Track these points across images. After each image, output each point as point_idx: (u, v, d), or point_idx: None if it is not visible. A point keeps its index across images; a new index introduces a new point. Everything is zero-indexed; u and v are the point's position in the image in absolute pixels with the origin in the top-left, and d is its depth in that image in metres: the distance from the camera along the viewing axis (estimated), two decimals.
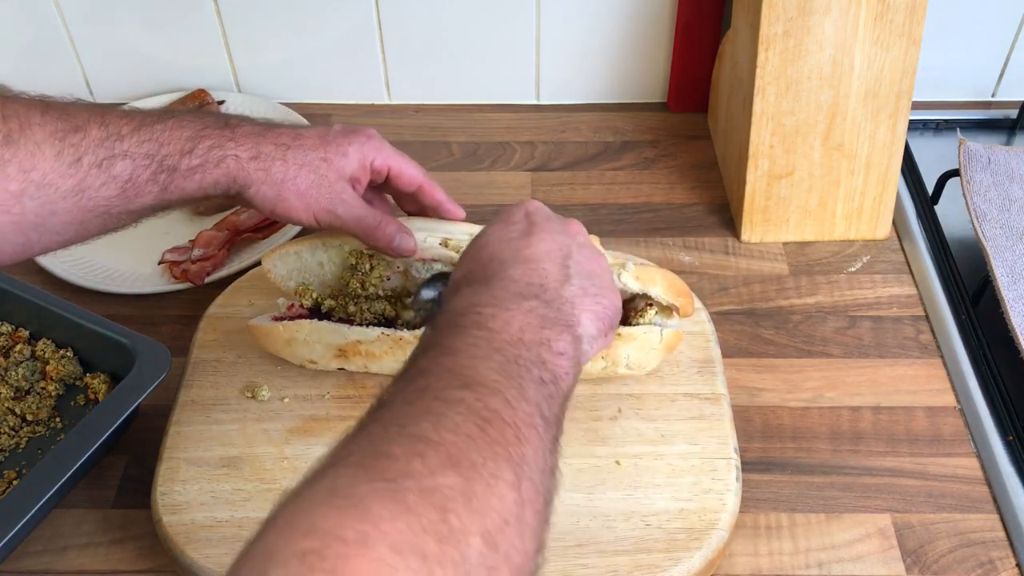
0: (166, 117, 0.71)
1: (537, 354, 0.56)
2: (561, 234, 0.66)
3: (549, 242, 0.64)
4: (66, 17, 1.15)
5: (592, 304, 0.63)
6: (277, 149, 0.73)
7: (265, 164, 0.72)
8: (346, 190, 0.76)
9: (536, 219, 0.67)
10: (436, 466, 0.44)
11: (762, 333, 0.94)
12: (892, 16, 0.92)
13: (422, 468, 0.43)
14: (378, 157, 0.78)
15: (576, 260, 0.64)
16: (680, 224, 1.07)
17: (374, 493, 0.41)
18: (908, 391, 0.89)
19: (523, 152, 1.16)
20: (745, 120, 0.99)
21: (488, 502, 0.44)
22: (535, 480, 0.48)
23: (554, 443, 0.53)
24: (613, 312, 0.65)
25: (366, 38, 1.17)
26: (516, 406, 0.50)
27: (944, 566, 0.77)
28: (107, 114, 0.69)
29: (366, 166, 0.77)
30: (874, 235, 1.04)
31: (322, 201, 0.74)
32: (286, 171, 0.73)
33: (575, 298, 0.62)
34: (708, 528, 0.74)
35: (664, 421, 0.82)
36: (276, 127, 0.75)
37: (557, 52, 1.18)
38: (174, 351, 0.83)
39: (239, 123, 0.74)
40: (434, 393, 0.50)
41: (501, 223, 0.67)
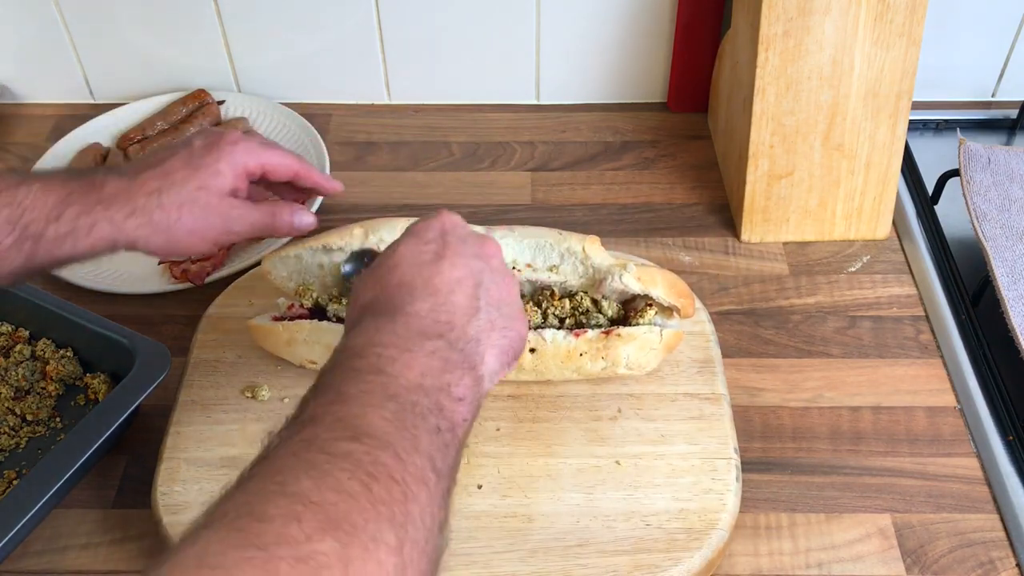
0: (32, 180, 0.69)
1: (436, 401, 0.54)
2: (474, 258, 0.64)
3: (461, 268, 0.62)
4: (66, 17, 1.15)
5: (498, 338, 0.61)
6: (150, 199, 0.71)
7: (144, 219, 0.71)
8: (232, 205, 0.74)
9: (450, 240, 0.64)
10: (313, 531, 0.42)
11: (762, 333, 0.94)
12: (892, 16, 0.92)
13: (298, 533, 0.41)
14: (249, 160, 0.76)
15: (487, 289, 0.62)
16: (680, 224, 1.07)
17: (245, 562, 0.39)
18: (908, 391, 0.89)
19: (523, 152, 1.16)
20: (745, 120, 0.99)
21: (366, 568, 0.42)
22: (420, 540, 0.46)
23: (445, 497, 0.51)
24: (519, 343, 0.63)
25: (366, 38, 1.17)
26: (406, 460, 0.48)
27: (944, 566, 0.77)
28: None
29: (240, 174, 0.75)
30: (874, 235, 1.04)
31: (214, 229, 0.74)
32: (167, 217, 0.71)
33: (482, 334, 0.60)
34: (708, 528, 0.74)
35: (664, 421, 0.82)
36: (141, 172, 0.73)
37: (557, 52, 1.18)
38: (174, 351, 0.83)
39: (104, 180, 0.71)
40: (320, 445, 0.47)
41: (413, 241, 0.64)
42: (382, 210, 1.07)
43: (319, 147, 1.12)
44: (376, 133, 1.19)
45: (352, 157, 1.16)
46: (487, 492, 0.77)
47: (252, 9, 1.14)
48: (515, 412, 0.83)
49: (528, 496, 0.77)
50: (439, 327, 0.58)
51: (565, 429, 0.81)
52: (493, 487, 0.77)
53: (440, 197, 1.10)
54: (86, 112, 1.20)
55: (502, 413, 0.82)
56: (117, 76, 1.21)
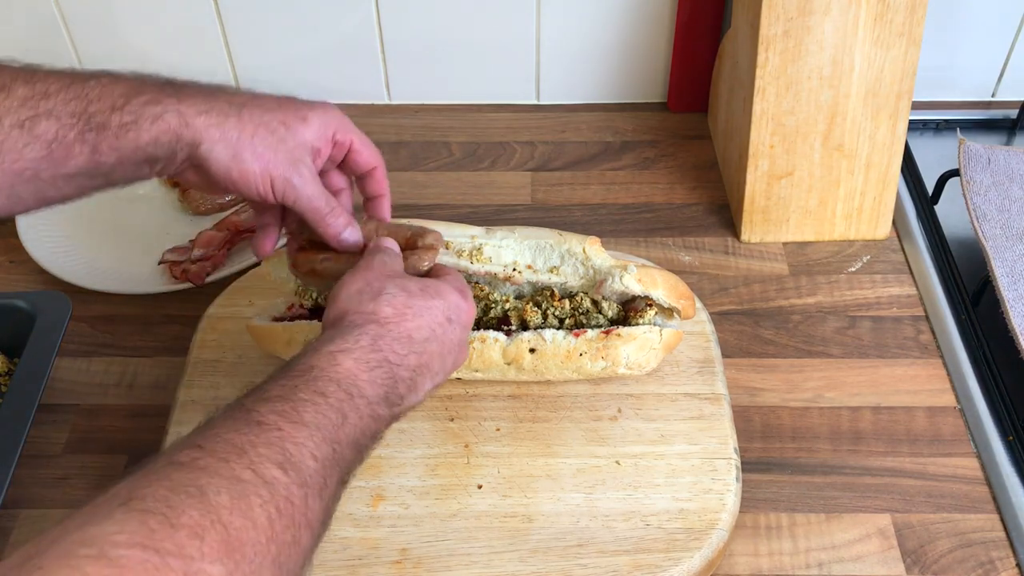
0: (101, 74, 0.65)
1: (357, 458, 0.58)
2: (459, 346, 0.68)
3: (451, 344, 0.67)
4: (66, 17, 1.15)
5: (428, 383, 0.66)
6: (231, 106, 0.66)
7: (218, 120, 0.65)
8: (305, 159, 0.69)
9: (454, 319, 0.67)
10: (210, 551, 0.45)
11: (762, 333, 0.94)
12: (892, 16, 0.92)
13: (196, 552, 0.44)
14: (340, 130, 0.72)
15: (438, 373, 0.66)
16: (680, 224, 1.07)
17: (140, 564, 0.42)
18: (908, 391, 0.89)
19: (523, 152, 1.16)
20: (745, 120, 0.99)
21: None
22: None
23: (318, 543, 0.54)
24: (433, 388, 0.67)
25: (366, 38, 1.17)
26: (311, 506, 0.52)
27: (944, 566, 0.77)
28: (36, 72, 0.64)
29: (328, 136, 0.71)
30: (874, 235, 1.04)
31: (280, 167, 0.67)
32: (242, 129, 0.66)
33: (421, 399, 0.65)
34: (708, 528, 0.74)
35: (664, 421, 0.82)
36: (229, 89, 0.69)
37: (557, 52, 1.18)
38: (174, 351, 0.83)
39: (185, 83, 0.67)
40: (252, 460, 0.50)
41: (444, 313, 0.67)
42: None
43: None
44: (376, 133, 1.19)
45: None
46: (487, 492, 0.77)
47: (252, 9, 1.15)
48: (515, 412, 0.83)
49: (528, 496, 0.77)
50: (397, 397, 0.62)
51: (565, 429, 0.81)
52: (493, 487, 0.77)
53: (440, 197, 1.10)
54: None
55: (502, 413, 0.83)
56: None
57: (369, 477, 0.78)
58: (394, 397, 0.61)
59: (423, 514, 0.76)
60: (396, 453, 0.80)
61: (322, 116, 0.70)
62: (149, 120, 0.64)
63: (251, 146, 0.66)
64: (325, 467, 0.54)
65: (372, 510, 0.76)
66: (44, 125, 0.62)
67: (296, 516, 0.50)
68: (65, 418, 0.88)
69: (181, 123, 0.65)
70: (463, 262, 0.81)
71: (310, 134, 0.69)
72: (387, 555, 0.73)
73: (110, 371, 0.92)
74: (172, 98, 0.65)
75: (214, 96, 0.67)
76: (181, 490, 0.47)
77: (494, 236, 0.82)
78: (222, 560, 0.45)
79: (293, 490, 0.51)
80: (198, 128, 0.65)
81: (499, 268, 0.82)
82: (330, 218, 0.71)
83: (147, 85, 0.66)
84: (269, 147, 0.67)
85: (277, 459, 0.51)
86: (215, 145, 0.65)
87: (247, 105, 0.67)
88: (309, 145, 0.69)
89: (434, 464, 0.79)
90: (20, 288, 0.99)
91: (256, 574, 0.47)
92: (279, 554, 0.49)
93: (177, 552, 0.44)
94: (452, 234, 0.82)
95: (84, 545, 0.42)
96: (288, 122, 0.68)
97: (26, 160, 0.62)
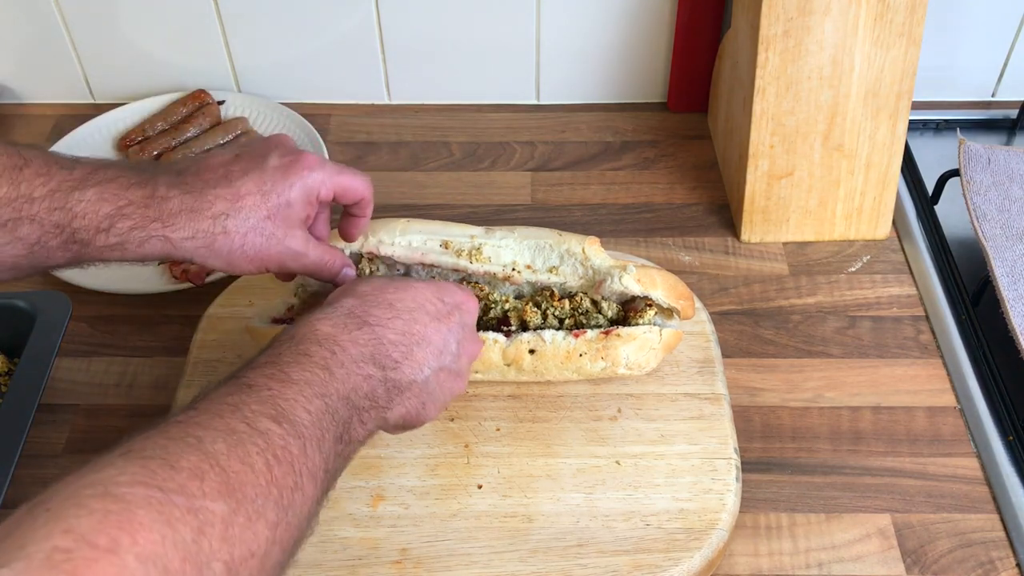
0: (86, 185, 0.65)
1: (349, 416, 0.59)
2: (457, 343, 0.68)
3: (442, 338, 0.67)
4: (66, 17, 1.15)
5: (414, 403, 0.66)
6: (215, 223, 0.68)
7: (206, 242, 0.68)
8: (295, 239, 0.72)
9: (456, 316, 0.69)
10: (210, 490, 0.47)
11: (762, 333, 0.94)
12: (892, 16, 0.92)
13: (197, 489, 0.47)
14: (322, 188, 0.72)
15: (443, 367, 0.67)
16: (680, 224, 1.07)
17: (144, 500, 0.44)
18: (908, 391, 0.89)
19: (523, 152, 1.16)
20: (745, 120, 0.99)
21: (243, 534, 0.48)
22: (294, 525, 0.52)
23: (324, 495, 0.56)
24: (420, 421, 0.67)
25: (366, 38, 1.17)
26: (310, 455, 0.54)
27: (944, 566, 0.77)
28: (24, 170, 0.65)
29: (312, 202, 0.72)
30: (874, 235, 1.04)
31: (272, 260, 0.71)
32: (230, 242, 0.68)
33: (409, 390, 0.65)
34: (708, 528, 0.74)
35: (664, 421, 0.82)
36: (209, 188, 0.68)
37: (557, 52, 1.18)
38: (174, 351, 0.83)
39: (166, 194, 0.67)
40: (244, 415, 0.52)
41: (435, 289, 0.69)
42: (382, 210, 1.07)
43: (319, 147, 1.12)
44: (376, 133, 1.20)
45: (352, 157, 1.16)
46: (487, 492, 0.77)
47: (252, 9, 1.14)
48: (515, 412, 0.83)
49: (528, 496, 0.77)
50: (387, 360, 0.63)
51: (565, 429, 0.81)
52: (493, 487, 0.77)
53: (440, 197, 1.10)
54: (86, 112, 1.20)
55: (502, 413, 0.83)
56: (117, 76, 1.21)
57: (369, 477, 0.78)
58: (384, 359, 0.63)
59: (423, 514, 0.76)
60: (396, 453, 0.80)
61: (303, 187, 0.71)
62: (135, 244, 0.67)
63: (243, 254, 0.69)
64: (319, 420, 0.56)
65: (372, 510, 0.76)
66: (27, 229, 0.64)
67: (295, 464, 0.52)
68: (65, 418, 0.88)
69: (168, 247, 0.67)
70: (462, 262, 0.81)
71: (296, 213, 0.71)
72: (387, 555, 0.73)
73: (110, 371, 0.92)
74: (157, 223, 0.67)
75: (196, 213, 0.67)
76: (179, 440, 0.49)
77: (493, 236, 0.82)
78: (224, 498, 0.47)
79: (289, 440, 0.53)
80: (187, 251, 0.68)
81: (498, 268, 0.82)
82: (324, 269, 0.75)
83: (132, 206, 0.66)
84: (261, 248, 0.70)
85: (270, 413, 0.53)
86: (207, 259, 0.69)
87: (230, 215, 0.68)
88: (297, 221, 0.72)
89: (434, 464, 0.79)
90: (20, 288, 0.99)
91: (259, 513, 0.49)
92: (281, 497, 0.50)
93: (179, 490, 0.46)
94: (452, 234, 0.82)
95: (88, 487, 0.44)
96: (273, 214, 0.70)
97: (6, 256, 0.65)
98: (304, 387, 0.57)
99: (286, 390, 0.56)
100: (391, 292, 0.67)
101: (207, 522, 0.46)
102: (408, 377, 0.64)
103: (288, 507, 0.51)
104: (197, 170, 0.70)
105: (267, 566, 0.49)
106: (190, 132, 1.13)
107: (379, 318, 0.64)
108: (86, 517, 0.43)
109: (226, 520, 0.47)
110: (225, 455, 0.49)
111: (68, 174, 0.66)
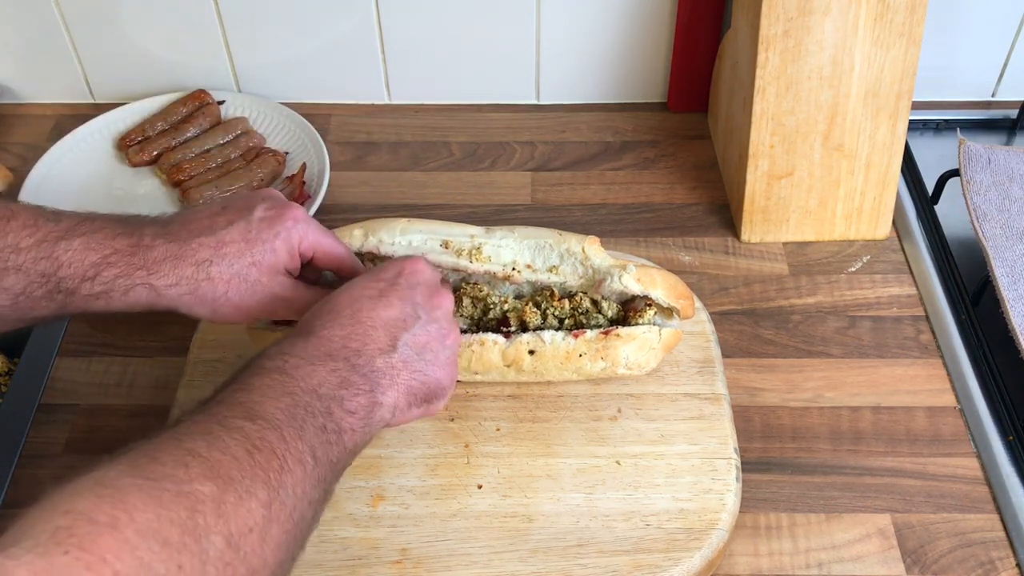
0: (73, 235, 0.67)
1: (327, 406, 0.60)
2: (415, 305, 0.68)
3: (396, 310, 0.67)
4: (66, 17, 1.15)
5: (407, 378, 0.66)
6: (199, 270, 0.69)
7: (189, 288, 0.69)
8: (281, 287, 0.72)
9: (400, 283, 0.69)
10: (196, 475, 0.49)
11: (762, 333, 0.94)
12: (892, 16, 0.92)
13: (184, 475, 0.49)
14: (304, 241, 0.73)
15: (413, 334, 0.67)
16: (680, 224, 1.07)
17: (134, 487, 0.47)
18: (908, 391, 0.89)
19: (523, 152, 1.16)
20: (745, 120, 0.99)
21: (236, 511, 0.49)
22: (288, 505, 0.53)
23: (322, 482, 0.57)
24: (434, 387, 0.67)
25: (366, 38, 1.17)
26: (290, 442, 0.55)
27: (944, 566, 0.77)
28: (11, 222, 0.66)
29: (295, 254, 0.73)
30: (874, 235, 1.04)
31: (258, 307, 0.72)
32: (214, 290, 0.69)
33: (390, 369, 0.65)
34: (708, 528, 0.74)
35: (664, 421, 0.82)
36: (194, 237, 0.69)
37: (557, 52, 1.18)
38: (174, 351, 0.83)
39: (152, 243, 0.69)
40: (218, 419, 0.55)
41: (369, 277, 0.69)
42: (382, 210, 1.07)
43: (319, 147, 1.12)
44: (376, 133, 1.19)
45: (352, 157, 1.16)
46: (487, 492, 0.77)
47: (252, 9, 1.14)
48: (515, 412, 0.83)
49: (528, 496, 0.77)
50: (346, 352, 0.63)
51: (565, 429, 0.81)
52: (493, 487, 0.77)
53: (440, 197, 1.10)
54: (86, 112, 1.20)
55: (502, 413, 0.83)
56: (117, 76, 1.21)
57: (369, 477, 0.78)
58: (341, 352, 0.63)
59: (423, 514, 0.76)
60: (396, 453, 0.80)
61: (287, 239, 0.72)
62: (120, 292, 0.68)
63: (227, 301, 0.70)
64: (291, 412, 0.57)
65: (372, 510, 0.76)
66: (12, 279, 0.65)
67: (276, 449, 0.54)
68: (65, 418, 0.88)
69: (153, 295, 0.69)
70: (462, 261, 0.81)
71: (280, 262, 0.72)
72: (387, 555, 0.73)
73: (110, 371, 0.92)
74: (142, 271, 0.68)
75: (180, 260, 0.69)
76: (158, 443, 0.51)
77: (493, 236, 0.82)
78: (211, 480, 0.49)
79: (265, 432, 0.55)
80: (171, 298, 0.69)
81: (498, 268, 0.82)
82: None
83: (117, 254, 0.68)
84: (245, 295, 0.71)
85: (242, 414, 0.55)
86: (192, 308, 0.70)
87: (214, 262, 0.69)
88: (280, 270, 0.72)
89: (434, 464, 0.79)
90: None
91: (249, 492, 0.51)
92: (268, 477, 0.52)
93: (166, 477, 0.48)
94: (452, 233, 0.82)
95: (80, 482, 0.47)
96: (258, 261, 0.71)
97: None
98: (267, 390, 0.58)
99: (251, 395, 0.58)
100: (328, 302, 0.67)
101: (198, 500, 0.48)
102: (378, 359, 0.64)
103: (278, 487, 0.52)
104: (183, 220, 0.71)
105: (268, 542, 0.51)
106: (190, 132, 1.13)
107: (322, 325, 0.65)
108: (81, 500, 0.45)
109: (216, 499, 0.49)
110: (205, 448, 0.51)
111: (55, 225, 0.67)
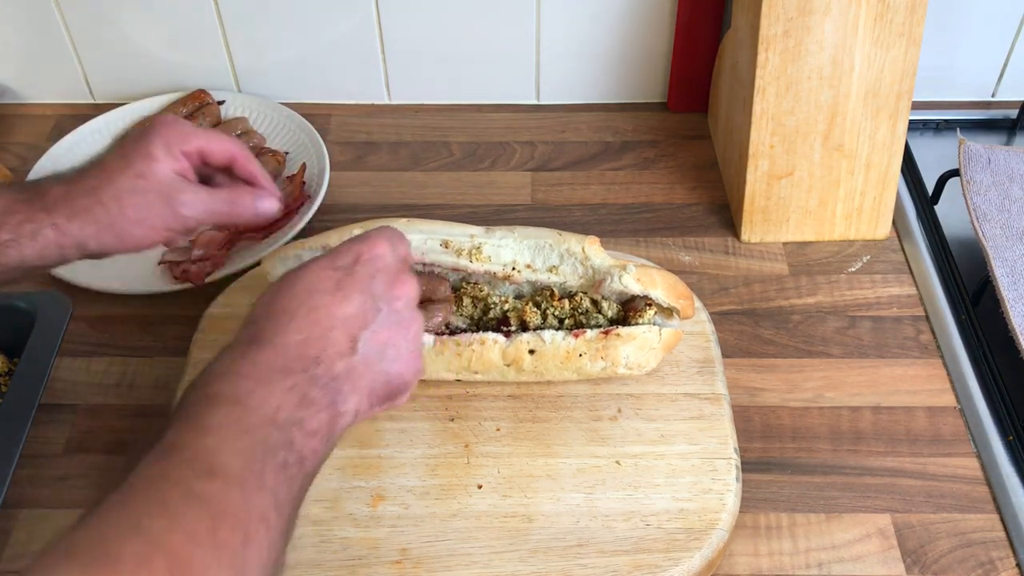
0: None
1: (287, 435, 0.55)
2: (374, 297, 0.61)
3: (354, 305, 0.60)
4: (66, 17, 1.15)
5: (370, 380, 0.60)
6: (89, 197, 0.69)
7: (87, 218, 0.68)
8: (178, 188, 0.71)
9: (359, 271, 0.62)
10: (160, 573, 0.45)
11: (762, 333, 0.94)
12: (892, 16, 0.92)
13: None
14: (184, 142, 0.72)
15: (374, 331, 0.60)
16: (680, 224, 1.07)
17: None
18: (908, 391, 0.89)
19: (523, 152, 1.16)
20: (745, 120, 0.99)
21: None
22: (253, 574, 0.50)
23: (283, 531, 0.53)
24: (397, 383, 0.62)
25: (366, 38, 1.17)
26: (251, 501, 0.51)
27: (944, 566, 0.77)
28: None
29: (177, 155, 0.71)
30: (874, 235, 1.04)
31: (162, 215, 0.70)
32: (108, 212, 0.69)
33: (351, 373, 0.59)
34: (708, 528, 0.74)
35: (664, 421, 0.82)
36: (81, 174, 0.71)
37: (557, 52, 1.18)
38: (174, 351, 0.83)
39: (48, 188, 0.69)
40: (177, 481, 0.50)
41: (324, 262, 0.62)
42: (382, 210, 1.07)
43: (319, 147, 1.12)
44: (376, 133, 1.20)
45: (352, 157, 1.16)
46: (487, 492, 0.77)
47: (252, 9, 1.15)
48: (515, 412, 0.83)
49: (528, 496, 0.77)
50: (304, 362, 0.58)
51: (565, 429, 0.81)
52: (493, 487, 0.77)
53: (440, 197, 1.10)
54: (86, 112, 1.20)
55: (502, 413, 0.83)
56: (117, 76, 1.21)
57: (369, 477, 0.78)
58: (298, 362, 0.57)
59: (423, 514, 0.76)
60: (396, 453, 0.80)
61: (164, 142, 0.71)
62: (28, 237, 0.68)
63: (127, 219, 0.69)
64: (250, 458, 0.52)
65: (372, 510, 0.76)
66: None
67: (240, 516, 0.50)
68: (65, 418, 0.88)
69: (59, 234, 0.68)
70: (462, 261, 0.81)
71: (166, 166, 0.71)
72: (387, 555, 0.73)
73: (110, 371, 0.92)
74: (42, 212, 0.68)
75: (71, 192, 0.69)
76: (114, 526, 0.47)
77: (493, 235, 0.82)
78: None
79: (226, 493, 0.50)
80: (76, 236, 0.69)
81: (498, 267, 0.82)
82: (236, 208, 0.73)
83: (19, 203, 0.68)
84: (141, 208, 0.69)
85: (201, 470, 0.51)
86: (98, 237, 0.69)
87: (101, 187, 0.69)
88: (172, 174, 0.71)
89: (434, 464, 0.79)
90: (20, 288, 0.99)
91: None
92: (234, 557, 0.49)
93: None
94: (452, 233, 0.82)
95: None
96: (142, 171, 0.70)
97: None
98: (220, 430, 0.53)
99: (207, 440, 0.52)
100: (281, 296, 0.60)
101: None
102: (338, 363, 0.59)
103: (243, 566, 0.49)
104: (78, 167, 0.72)
105: None
106: None
107: (274, 330, 0.58)
108: None
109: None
110: (167, 531, 0.47)
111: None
